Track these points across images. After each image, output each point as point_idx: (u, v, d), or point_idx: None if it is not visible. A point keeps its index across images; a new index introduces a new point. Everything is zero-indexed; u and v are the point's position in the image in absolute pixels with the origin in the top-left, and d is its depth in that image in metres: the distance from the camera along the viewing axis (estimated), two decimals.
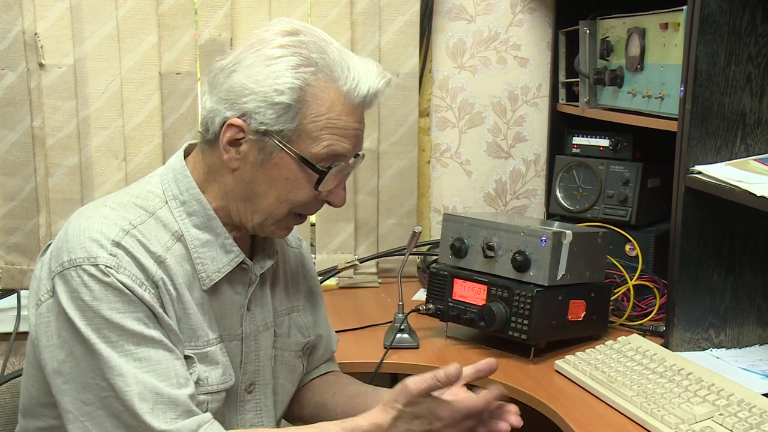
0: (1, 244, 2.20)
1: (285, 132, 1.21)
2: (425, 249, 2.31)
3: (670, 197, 1.69)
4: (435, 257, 2.16)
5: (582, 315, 1.74)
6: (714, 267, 1.69)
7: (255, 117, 1.20)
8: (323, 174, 1.24)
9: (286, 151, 1.22)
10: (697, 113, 1.61)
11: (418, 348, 1.80)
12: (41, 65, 2.13)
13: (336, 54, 1.23)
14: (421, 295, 2.17)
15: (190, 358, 1.23)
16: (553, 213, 2.21)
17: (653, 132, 1.83)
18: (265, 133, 1.21)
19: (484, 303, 1.72)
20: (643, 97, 1.84)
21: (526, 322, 1.65)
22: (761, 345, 1.75)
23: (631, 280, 1.92)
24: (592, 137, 2.16)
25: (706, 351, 1.71)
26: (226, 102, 1.22)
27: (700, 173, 1.60)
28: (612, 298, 1.88)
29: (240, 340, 1.34)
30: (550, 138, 2.43)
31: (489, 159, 2.47)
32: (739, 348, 1.73)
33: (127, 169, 2.22)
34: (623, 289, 1.92)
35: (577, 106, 2.17)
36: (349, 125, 1.24)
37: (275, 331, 1.42)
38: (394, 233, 2.35)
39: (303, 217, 1.33)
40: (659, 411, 1.39)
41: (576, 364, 1.62)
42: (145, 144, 2.22)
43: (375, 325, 1.94)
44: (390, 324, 1.87)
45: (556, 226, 1.76)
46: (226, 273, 1.28)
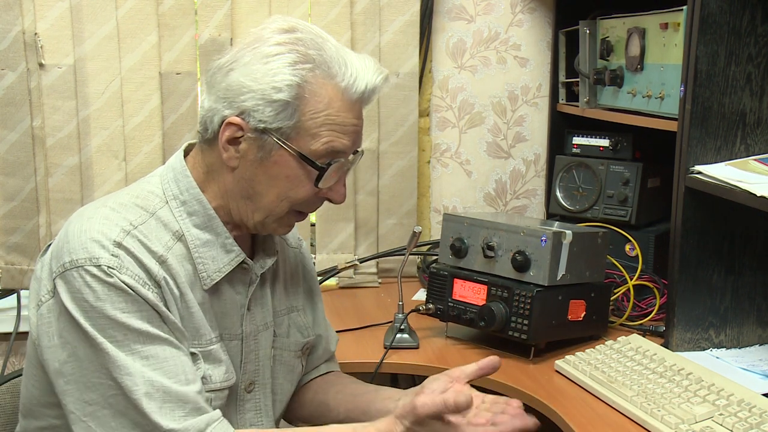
0: (1, 244, 2.20)
1: (284, 129, 1.21)
2: (425, 249, 2.31)
3: (670, 197, 1.69)
4: (435, 257, 2.16)
5: (582, 315, 1.74)
6: (714, 267, 1.69)
7: (253, 115, 1.20)
8: (323, 171, 1.24)
9: (285, 149, 1.22)
10: (697, 113, 1.60)
11: (418, 348, 1.80)
12: (41, 65, 2.14)
13: (333, 51, 1.23)
14: (421, 295, 2.17)
15: (194, 355, 1.24)
16: (553, 213, 2.21)
17: (653, 132, 1.83)
18: (264, 131, 1.21)
19: (484, 303, 1.72)
20: (643, 97, 1.84)
21: (526, 322, 1.65)
22: (761, 345, 1.74)
23: (631, 280, 1.92)
24: (592, 137, 2.16)
25: (706, 351, 1.71)
26: (224, 101, 1.22)
27: (700, 173, 1.59)
28: (612, 298, 1.88)
29: (240, 339, 1.34)
30: (550, 138, 2.42)
31: (489, 159, 2.47)
32: (739, 348, 1.73)
33: (127, 169, 2.22)
34: (623, 289, 1.92)
35: (577, 106, 2.17)
36: (348, 121, 1.24)
37: (275, 331, 1.42)
38: (394, 233, 2.35)
39: (304, 215, 1.33)
40: (659, 411, 1.39)
41: (576, 364, 1.62)
42: (145, 144, 2.22)
43: (375, 325, 1.94)
44: (390, 324, 1.86)
45: (556, 226, 1.76)
46: (226, 273, 1.28)
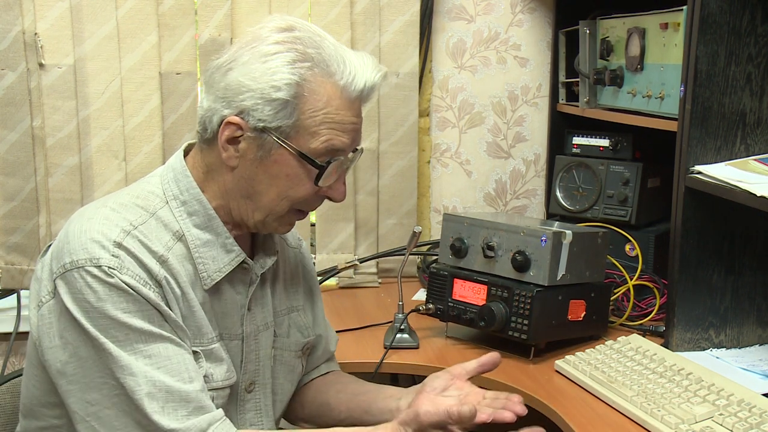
0: (1, 244, 2.20)
1: (283, 128, 1.21)
2: (425, 249, 2.31)
3: (670, 197, 1.69)
4: (435, 257, 2.16)
5: (582, 315, 1.74)
6: (714, 267, 1.69)
7: (253, 114, 1.20)
8: (323, 169, 1.24)
9: (284, 147, 1.22)
10: (697, 113, 1.60)
11: (418, 348, 1.80)
12: (41, 65, 2.13)
13: (331, 49, 1.23)
14: (421, 295, 2.17)
15: (196, 354, 1.24)
16: (553, 213, 2.21)
17: (653, 132, 1.83)
18: (264, 130, 1.21)
19: (484, 303, 1.72)
20: (643, 97, 1.84)
21: (526, 322, 1.65)
22: (761, 345, 1.74)
23: (631, 280, 1.92)
24: (592, 137, 2.16)
25: (706, 351, 1.71)
26: (223, 100, 1.22)
27: (700, 173, 1.59)
28: (612, 298, 1.88)
29: (240, 339, 1.34)
30: (550, 138, 2.42)
31: (489, 159, 2.47)
32: (739, 348, 1.73)
33: (127, 169, 2.22)
34: (623, 289, 1.92)
35: (577, 106, 2.17)
36: (347, 119, 1.24)
37: (275, 331, 1.42)
38: (394, 233, 2.35)
39: (304, 213, 1.33)
40: (659, 411, 1.39)
41: (576, 364, 1.62)
42: (145, 144, 2.22)
43: (375, 325, 1.94)
44: (390, 324, 1.86)
45: (556, 226, 1.76)
46: (227, 272, 1.28)
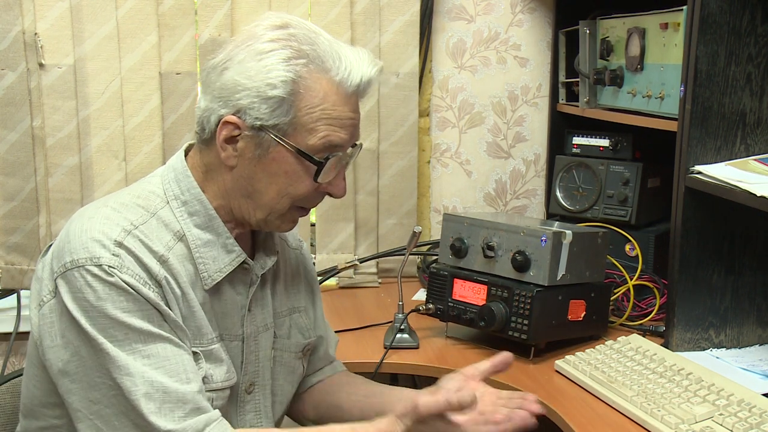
0: (1, 244, 2.20)
1: (280, 126, 1.21)
2: (425, 249, 2.31)
3: (670, 197, 1.69)
4: (435, 257, 2.16)
5: (582, 315, 1.74)
6: (714, 267, 1.69)
7: (249, 113, 1.20)
8: (321, 165, 1.24)
9: (282, 145, 1.22)
10: (697, 113, 1.60)
11: (418, 348, 1.80)
12: (41, 65, 2.14)
13: (326, 45, 1.23)
14: (421, 295, 2.17)
15: (196, 354, 1.23)
16: (553, 213, 2.21)
17: (653, 132, 1.83)
18: (261, 129, 1.21)
19: (484, 303, 1.72)
20: (643, 97, 1.84)
21: (526, 322, 1.65)
22: (761, 345, 1.74)
23: (631, 280, 1.92)
24: (592, 137, 2.16)
25: (706, 351, 1.71)
26: (219, 100, 1.22)
27: (700, 173, 1.59)
28: (612, 298, 1.88)
29: (241, 340, 1.34)
30: (550, 138, 2.42)
31: (489, 159, 2.47)
32: (739, 348, 1.73)
33: (127, 169, 2.22)
34: (623, 289, 1.92)
35: (577, 106, 2.17)
36: (344, 115, 1.24)
37: (275, 332, 1.41)
38: (394, 233, 2.35)
39: (306, 210, 1.33)
40: (659, 411, 1.39)
41: (576, 364, 1.62)
42: (145, 144, 2.22)
43: (375, 325, 1.94)
44: (390, 324, 1.86)
45: (556, 226, 1.76)
46: (227, 273, 1.28)
